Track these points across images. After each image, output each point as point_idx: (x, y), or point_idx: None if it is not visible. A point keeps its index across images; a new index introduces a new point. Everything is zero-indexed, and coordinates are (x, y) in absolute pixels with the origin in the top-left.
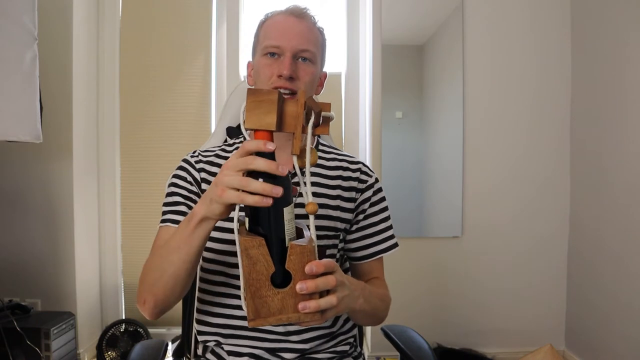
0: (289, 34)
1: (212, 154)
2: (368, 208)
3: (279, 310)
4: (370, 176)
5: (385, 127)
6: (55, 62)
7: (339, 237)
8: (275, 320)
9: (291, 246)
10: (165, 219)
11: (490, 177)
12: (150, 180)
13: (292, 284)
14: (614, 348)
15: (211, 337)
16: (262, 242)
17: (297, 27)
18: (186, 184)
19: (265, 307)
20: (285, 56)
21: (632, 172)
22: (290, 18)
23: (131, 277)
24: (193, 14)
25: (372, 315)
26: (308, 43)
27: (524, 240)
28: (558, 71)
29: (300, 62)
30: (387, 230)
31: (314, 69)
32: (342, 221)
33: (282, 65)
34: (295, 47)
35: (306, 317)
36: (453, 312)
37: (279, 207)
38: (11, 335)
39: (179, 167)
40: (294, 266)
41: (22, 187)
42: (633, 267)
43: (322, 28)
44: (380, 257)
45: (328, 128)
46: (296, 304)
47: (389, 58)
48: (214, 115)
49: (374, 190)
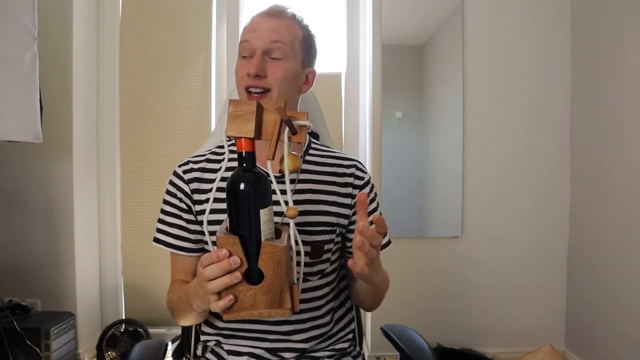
0: (260, 31)
1: (203, 159)
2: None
3: (250, 306)
4: (365, 173)
5: (385, 127)
6: (55, 62)
7: (336, 232)
8: (247, 314)
9: (263, 245)
10: (159, 239)
11: (490, 177)
12: (150, 180)
13: (265, 281)
14: (614, 348)
15: (212, 337)
16: (235, 241)
17: (269, 25)
18: (176, 200)
19: (238, 302)
20: (256, 54)
21: (632, 172)
22: (264, 17)
23: (131, 277)
24: (193, 14)
25: (377, 296)
26: (279, 38)
27: (524, 240)
28: (558, 71)
29: (270, 59)
30: None
31: (287, 64)
32: (338, 216)
33: (249, 64)
34: (265, 44)
35: (276, 312)
36: (453, 312)
37: (256, 208)
38: (11, 335)
39: (170, 182)
40: (265, 264)
41: (22, 187)
42: (633, 267)
43: (305, 25)
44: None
45: (304, 135)
46: (267, 300)
47: (389, 58)
48: (214, 115)
49: (370, 187)
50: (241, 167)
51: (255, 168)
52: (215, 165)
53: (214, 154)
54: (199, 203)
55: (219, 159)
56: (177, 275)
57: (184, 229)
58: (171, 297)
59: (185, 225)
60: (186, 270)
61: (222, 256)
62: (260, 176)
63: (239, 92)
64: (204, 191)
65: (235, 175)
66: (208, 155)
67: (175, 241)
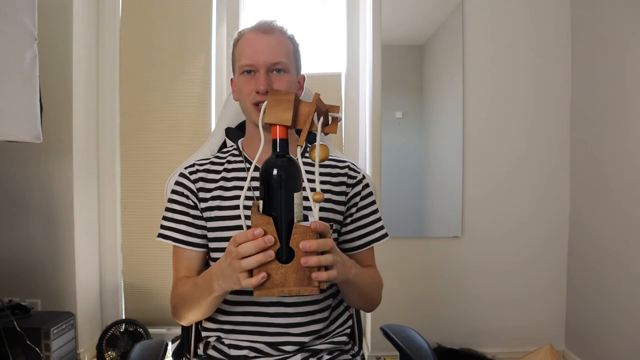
0: (259, 50)
1: (207, 162)
2: (360, 201)
3: (281, 283)
4: (358, 172)
5: (385, 127)
6: (55, 62)
7: (332, 228)
8: (278, 292)
9: (295, 226)
10: (166, 235)
11: (490, 176)
12: (150, 180)
13: (295, 260)
14: (614, 348)
15: (213, 333)
16: (270, 221)
17: (265, 43)
18: (183, 197)
19: (269, 279)
20: (260, 72)
21: (632, 172)
22: (259, 35)
23: (131, 277)
24: (193, 14)
25: (365, 295)
26: (279, 56)
27: (524, 240)
28: (558, 71)
29: (274, 74)
30: (378, 221)
31: (289, 77)
32: (334, 212)
33: (258, 82)
34: (267, 62)
35: (305, 290)
36: (453, 312)
37: (289, 192)
38: (11, 335)
39: (176, 182)
40: (297, 244)
41: (22, 187)
42: (633, 267)
43: (292, 36)
44: (371, 247)
45: (336, 127)
46: (297, 278)
47: (389, 58)
48: (214, 115)
49: (363, 185)
50: (275, 153)
51: (288, 154)
52: (219, 168)
53: (217, 158)
54: (204, 201)
55: (222, 162)
56: (181, 271)
57: (191, 224)
58: (180, 291)
59: (192, 221)
60: (190, 266)
61: (257, 234)
62: (293, 162)
63: (245, 106)
64: (208, 190)
65: (270, 160)
66: (212, 158)
67: (183, 236)
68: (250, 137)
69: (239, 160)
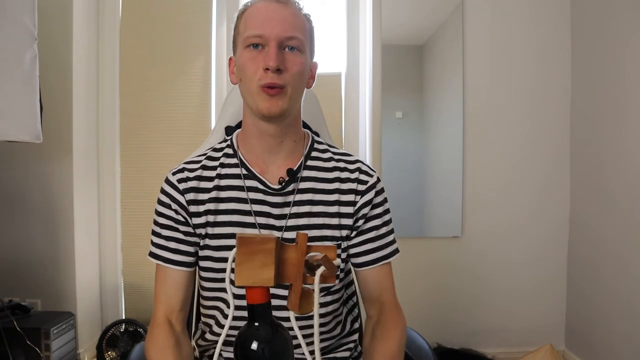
0: (272, 20)
1: (198, 166)
2: (369, 211)
3: None
4: (371, 176)
5: (385, 127)
6: (55, 62)
7: (339, 246)
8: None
9: None
10: (156, 254)
11: (490, 176)
12: (150, 180)
13: None
14: (614, 348)
15: (212, 345)
16: None
17: (280, 13)
18: (171, 212)
19: None
20: (270, 46)
21: (632, 172)
22: (272, 4)
23: (131, 277)
24: (193, 14)
25: None
26: (294, 30)
27: (524, 240)
28: (558, 71)
29: (287, 51)
30: (389, 234)
31: (303, 58)
32: (342, 228)
33: (267, 57)
34: (280, 35)
35: None
36: (453, 312)
37: None
38: (11, 335)
39: (162, 191)
40: None
41: (22, 187)
42: (633, 267)
43: (309, 15)
44: (384, 265)
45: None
46: None
47: (389, 58)
48: (214, 115)
49: (376, 190)
50: (253, 323)
51: (271, 319)
52: (211, 173)
53: (210, 159)
54: (197, 216)
55: (214, 164)
56: (163, 292)
57: (182, 241)
58: (159, 354)
59: (183, 237)
60: (178, 283)
61: None
62: (278, 331)
63: (247, 88)
64: (201, 202)
65: (245, 332)
66: (204, 161)
67: (174, 256)
68: (248, 131)
69: (234, 163)
